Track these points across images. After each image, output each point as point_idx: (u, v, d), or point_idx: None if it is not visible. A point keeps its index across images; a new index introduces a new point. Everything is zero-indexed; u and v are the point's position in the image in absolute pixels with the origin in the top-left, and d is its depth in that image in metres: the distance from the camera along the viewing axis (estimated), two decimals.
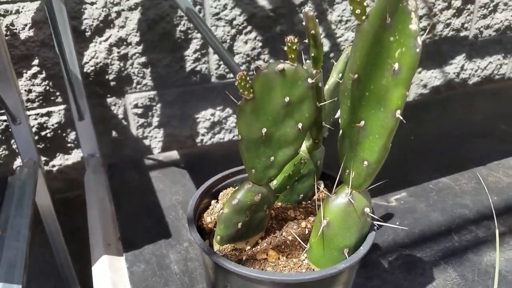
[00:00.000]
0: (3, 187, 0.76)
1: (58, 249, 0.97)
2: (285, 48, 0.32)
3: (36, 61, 0.84)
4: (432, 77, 1.20)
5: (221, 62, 0.96)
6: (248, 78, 0.32)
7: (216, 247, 0.40)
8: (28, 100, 0.88)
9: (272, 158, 0.37)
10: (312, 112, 0.35)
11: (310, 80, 0.33)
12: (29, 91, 0.87)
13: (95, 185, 0.79)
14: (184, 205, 0.72)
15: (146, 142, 0.99)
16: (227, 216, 0.39)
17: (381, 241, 0.63)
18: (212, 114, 1.02)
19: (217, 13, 0.92)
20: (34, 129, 0.90)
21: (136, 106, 0.95)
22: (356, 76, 0.31)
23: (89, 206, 0.75)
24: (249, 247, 0.42)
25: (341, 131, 0.35)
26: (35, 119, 0.90)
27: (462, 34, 1.18)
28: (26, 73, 0.85)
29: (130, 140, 0.98)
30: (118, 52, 0.89)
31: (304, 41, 0.27)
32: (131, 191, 0.77)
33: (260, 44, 0.98)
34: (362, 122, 0.32)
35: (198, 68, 0.96)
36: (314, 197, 0.48)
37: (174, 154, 0.91)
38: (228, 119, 1.04)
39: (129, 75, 0.92)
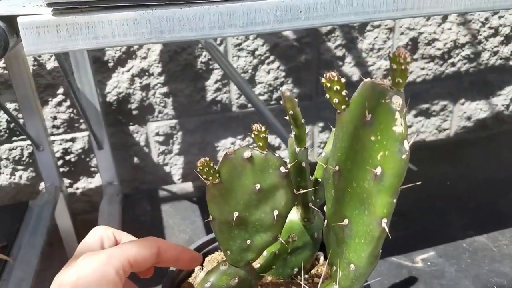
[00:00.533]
0: (23, 212, 0.77)
1: None
2: (252, 136, 0.27)
3: (61, 90, 0.86)
4: (477, 109, 1.10)
5: None
6: (212, 164, 0.28)
7: None
8: (53, 126, 0.89)
9: (249, 241, 0.33)
10: (288, 201, 0.30)
11: (283, 169, 0.29)
12: (55, 117, 0.89)
13: (107, 217, 0.78)
14: (189, 245, 0.69)
15: (167, 168, 0.98)
16: None
17: None
18: (232, 143, 0.99)
19: (239, 44, 0.89)
20: (59, 154, 0.91)
21: (157, 134, 0.94)
22: (337, 168, 0.26)
23: None
24: None
25: (326, 221, 0.30)
26: (60, 144, 0.91)
27: None
28: (51, 101, 0.87)
29: (151, 167, 0.97)
30: (140, 83, 0.89)
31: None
32: (140, 225, 0.75)
33: (283, 73, 0.94)
34: (346, 221, 0.27)
35: (219, 98, 0.94)
36: (312, 271, 0.43)
37: (189, 186, 0.89)
38: None
39: (151, 104, 0.91)
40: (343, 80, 0.23)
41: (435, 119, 1.10)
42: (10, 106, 0.85)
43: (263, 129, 0.27)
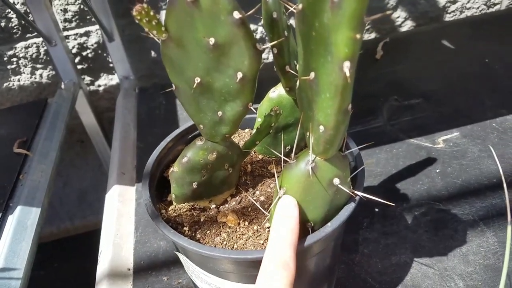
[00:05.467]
0: (42, 109, 0.79)
1: (108, 164, 1.02)
2: None
3: None
4: None
5: None
6: (152, 12, 0.24)
7: (173, 205, 0.36)
8: (65, 20, 0.87)
9: (220, 113, 0.30)
10: (251, 58, 0.26)
11: (237, 15, 0.24)
12: (65, 10, 0.85)
13: (123, 110, 0.79)
14: None
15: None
16: (178, 175, 0.33)
17: (412, 191, 0.54)
18: (255, 31, 0.92)
19: None
20: (75, 50, 0.90)
21: None
22: (300, 6, 0.22)
23: (115, 132, 0.75)
24: (214, 206, 0.37)
25: (298, 81, 0.26)
26: (75, 39, 0.89)
27: None
28: None
29: None
30: None
31: None
32: (155, 118, 0.75)
33: None
34: (312, 74, 0.23)
35: None
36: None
37: None
38: None
39: None
40: None
41: None
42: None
43: None
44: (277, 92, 0.37)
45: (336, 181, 0.28)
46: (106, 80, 0.96)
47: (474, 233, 0.48)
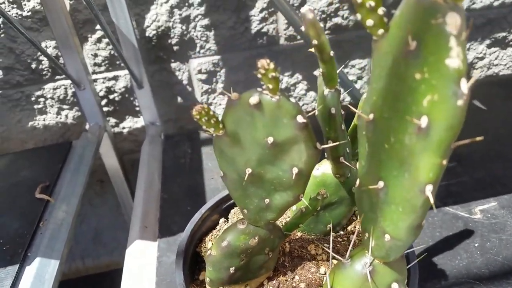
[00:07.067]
0: (67, 152, 0.78)
1: (126, 205, 1.01)
2: (259, 75, 0.21)
3: (99, 25, 0.82)
4: None
5: None
6: (211, 112, 0.23)
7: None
8: (95, 64, 0.88)
9: (267, 200, 0.28)
10: (309, 157, 0.24)
11: (300, 119, 0.22)
12: (95, 55, 0.86)
13: (148, 158, 0.78)
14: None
15: (211, 108, 0.95)
16: (216, 259, 0.31)
17: (451, 267, 0.51)
18: (280, 80, 0.92)
19: None
20: (102, 93, 0.90)
21: (200, 71, 0.90)
22: (371, 116, 0.20)
23: (139, 181, 0.73)
24: None
25: (358, 181, 0.25)
26: (103, 82, 0.90)
27: None
28: (91, 37, 0.84)
29: None
30: (180, 14, 0.83)
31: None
32: (180, 167, 0.74)
33: None
34: (381, 183, 0.22)
35: (264, 29, 0.86)
36: (349, 227, 0.38)
37: None
38: (297, 85, 0.94)
39: (192, 38, 0.86)
40: None
41: None
42: (50, 43, 0.83)
43: (271, 66, 0.21)
44: (321, 170, 0.35)
45: (395, 286, 0.26)
46: (131, 123, 0.96)
47: None
